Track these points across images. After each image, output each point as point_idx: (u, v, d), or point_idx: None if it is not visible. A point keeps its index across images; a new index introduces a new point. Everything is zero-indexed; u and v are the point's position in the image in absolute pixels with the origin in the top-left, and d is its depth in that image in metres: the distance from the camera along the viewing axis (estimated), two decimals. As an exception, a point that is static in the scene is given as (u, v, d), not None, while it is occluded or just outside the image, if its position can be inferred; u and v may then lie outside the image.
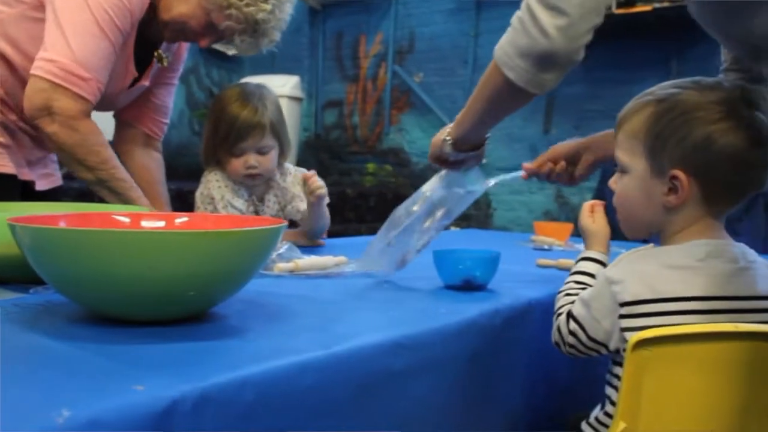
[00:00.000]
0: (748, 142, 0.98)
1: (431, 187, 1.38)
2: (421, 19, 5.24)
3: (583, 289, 1.09)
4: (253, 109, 1.71)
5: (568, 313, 1.07)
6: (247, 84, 1.83)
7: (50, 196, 1.81)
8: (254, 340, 0.85)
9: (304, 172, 1.86)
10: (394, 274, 1.33)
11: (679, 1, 3.28)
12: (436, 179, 1.40)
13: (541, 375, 1.24)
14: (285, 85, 4.97)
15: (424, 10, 5.22)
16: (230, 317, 0.94)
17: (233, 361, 0.75)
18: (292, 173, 1.85)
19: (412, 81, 5.26)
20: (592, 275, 1.13)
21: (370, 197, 4.91)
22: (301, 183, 1.80)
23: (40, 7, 1.58)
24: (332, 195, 1.79)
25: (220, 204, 1.73)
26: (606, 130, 1.39)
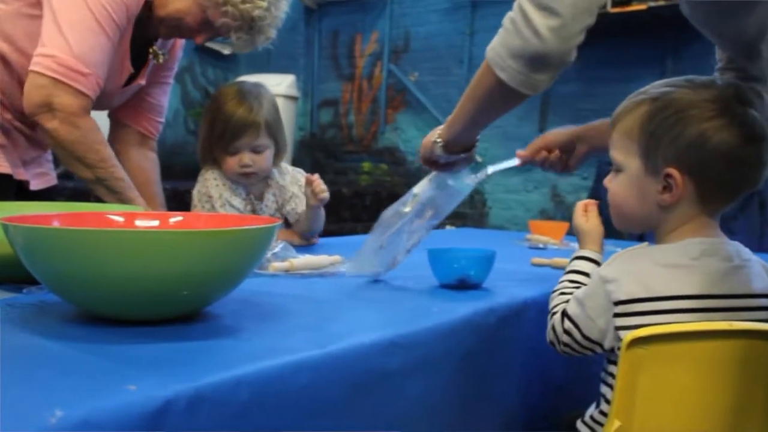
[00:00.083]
0: (741, 139, 0.99)
1: (421, 189, 1.38)
2: (417, 18, 5.24)
3: (578, 288, 1.09)
4: (248, 107, 1.71)
5: (562, 312, 1.07)
6: (245, 83, 1.82)
7: (45, 195, 1.80)
8: (249, 339, 0.85)
9: (302, 172, 1.87)
10: (386, 275, 1.33)
11: (674, 0, 3.28)
12: (426, 181, 1.40)
13: (537, 374, 1.24)
14: (280, 84, 4.96)
15: (419, 9, 5.22)
16: (225, 317, 0.94)
17: (227, 361, 0.75)
18: (290, 172, 1.85)
19: (407, 80, 5.26)
20: (587, 274, 1.13)
21: (366, 196, 4.91)
22: (303, 184, 1.80)
23: (37, 5, 1.58)
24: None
25: (218, 202, 1.73)
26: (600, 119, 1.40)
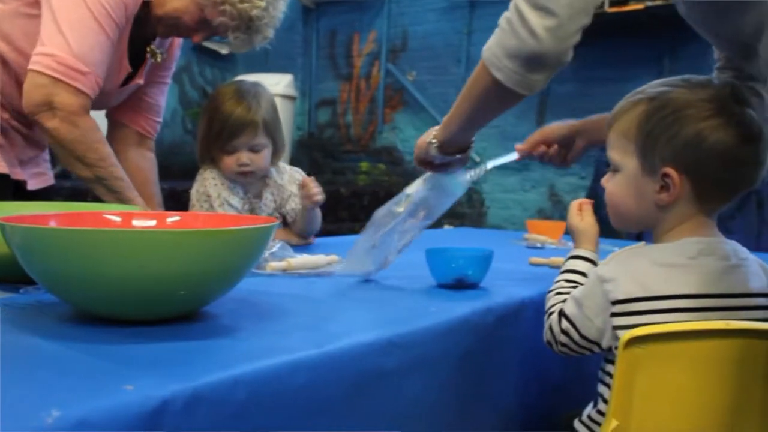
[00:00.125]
0: (738, 139, 0.99)
1: (415, 189, 1.38)
2: (415, 17, 5.24)
3: (574, 287, 1.09)
4: (246, 106, 1.71)
5: (560, 312, 1.07)
6: (243, 82, 1.82)
7: (42, 195, 1.80)
8: (246, 339, 0.85)
9: (300, 171, 1.87)
10: (377, 275, 1.33)
11: (671, 0, 3.29)
12: (420, 181, 1.39)
13: (534, 373, 1.24)
14: (278, 83, 4.96)
15: (417, 8, 5.22)
16: (222, 316, 0.94)
17: (225, 360, 0.75)
18: (288, 172, 1.85)
19: (405, 79, 5.26)
20: (583, 273, 1.13)
21: (364, 196, 4.91)
22: (298, 186, 1.80)
23: (35, 4, 1.57)
24: (326, 194, 1.79)
25: (216, 202, 1.73)
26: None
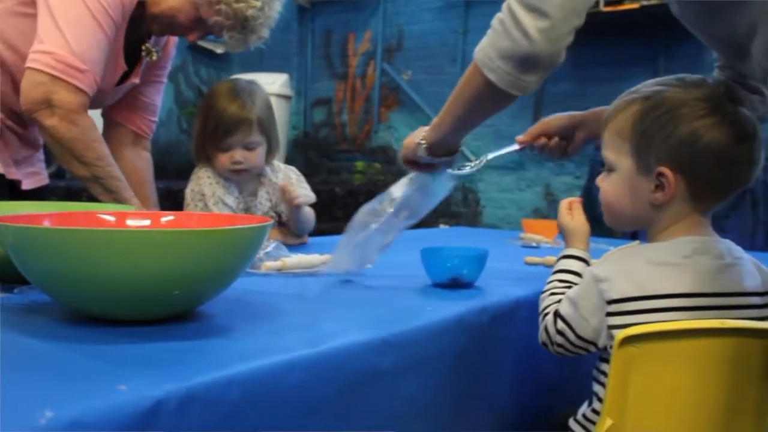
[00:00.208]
0: (732, 138, 0.99)
1: (399, 189, 1.38)
2: (410, 16, 5.24)
3: (569, 287, 1.09)
4: (241, 104, 1.71)
5: (555, 313, 1.07)
6: (239, 80, 1.82)
7: (36, 195, 1.79)
8: (241, 339, 0.84)
9: (295, 170, 1.87)
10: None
11: (666, -1, 3.30)
12: (406, 181, 1.39)
13: (529, 372, 1.24)
14: (274, 83, 4.95)
15: (412, 8, 5.22)
16: (216, 316, 0.94)
17: (219, 360, 0.74)
18: (282, 170, 1.85)
19: (400, 79, 5.26)
20: (576, 273, 1.13)
21: (359, 195, 4.90)
22: (295, 182, 1.81)
23: (30, 3, 1.56)
24: (321, 193, 1.79)
25: (211, 200, 1.72)
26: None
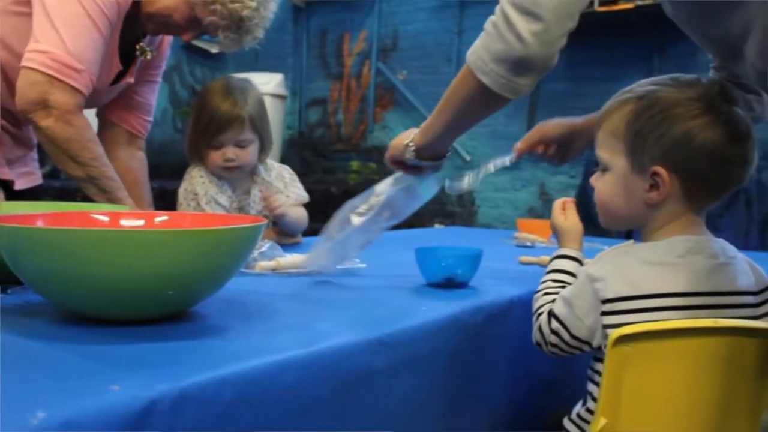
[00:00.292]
0: (726, 137, 0.99)
1: (384, 187, 1.37)
2: (405, 16, 5.24)
3: (562, 287, 1.09)
4: (233, 101, 1.71)
5: (549, 313, 1.07)
6: (232, 78, 1.83)
7: (30, 195, 1.79)
8: (235, 338, 0.84)
9: (288, 169, 1.87)
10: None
11: (660, -1, 3.30)
12: (391, 180, 1.38)
13: (524, 372, 1.24)
14: (269, 82, 4.95)
15: (407, 7, 5.22)
16: (210, 316, 0.94)
17: (213, 360, 0.74)
18: (275, 169, 1.85)
19: (395, 79, 5.26)
20: (570, 273, 1.13)
21: (355, 195, 4.89)
22: (288, 181, 1.82)
23: (25, 2, 1.56)
24: (316, 193, 1.79)
25: (203, 200, 1.72)
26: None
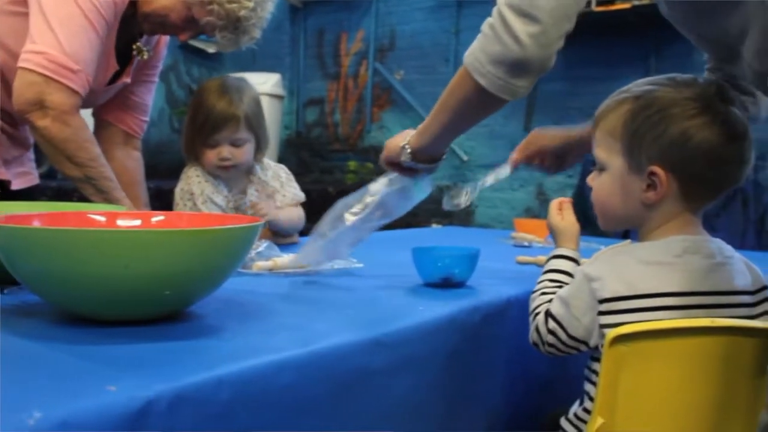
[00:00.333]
0: (723, 137, 0.99)
1: (378, 188, 1.37)
2: (402, 16, 5.24)
3: (559, 287, 1.09)
4: (229, 100, 1.71)
5: (546, 313, 1.06)
6: (229, 77, 1.83)
7: (26, 195, 1.78)
8: (231, 339, 0.84)
9: (284, 169, 1.87)
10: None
11: (657, -1, 3.30)
12: (385, 180, 1.38)
13: (521, 372, 1.24)
14: (266, 82, 4.94)
15: (405, 7, 5.22)
16: (207, 316, 0.94)
17: (210, 361, 0.74)
18: (272, 168, 1.85)
19: (393, 78, 5.25)
20: (567, 273, 1.13)
21: (352, 195, 4.89)
22: (284, 181, 1.83)
23: (22, 2, 1.55)
24: (314, 193, 1.79)
25: (199, 199, 1.72)
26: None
